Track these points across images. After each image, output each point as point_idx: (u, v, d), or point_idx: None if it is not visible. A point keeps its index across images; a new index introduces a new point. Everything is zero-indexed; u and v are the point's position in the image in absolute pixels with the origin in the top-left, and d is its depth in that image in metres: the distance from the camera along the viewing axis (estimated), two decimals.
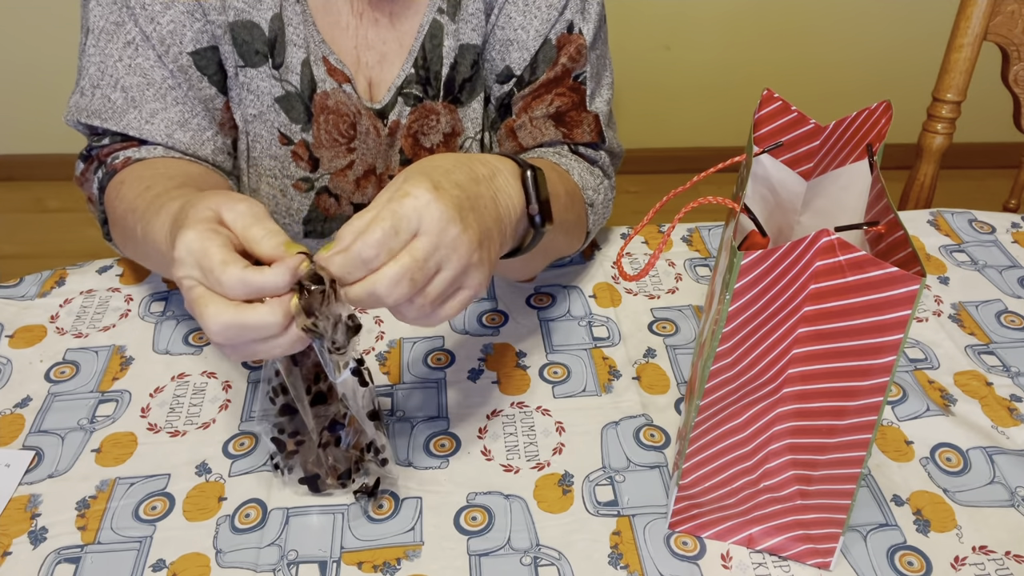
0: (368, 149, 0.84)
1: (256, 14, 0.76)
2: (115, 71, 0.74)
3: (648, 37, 2.28)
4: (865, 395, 0.50)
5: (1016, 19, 1.07)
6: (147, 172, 0.72)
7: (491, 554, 0.59)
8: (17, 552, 0.59)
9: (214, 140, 0.78)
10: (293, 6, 0.77)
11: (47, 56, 2.23)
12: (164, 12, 0.73)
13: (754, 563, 0.59)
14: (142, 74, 0.74)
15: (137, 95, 0.74)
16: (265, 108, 0.80)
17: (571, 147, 0.84)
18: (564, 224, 0.74)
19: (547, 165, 0.76)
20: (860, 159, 0.59)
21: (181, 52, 0.75)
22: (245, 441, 0.67)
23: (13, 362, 0.74)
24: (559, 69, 0.81)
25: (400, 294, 0.51)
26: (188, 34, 0.75)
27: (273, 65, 0.78)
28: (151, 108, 0.75)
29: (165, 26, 0.74)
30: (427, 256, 0.52)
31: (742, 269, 0.47)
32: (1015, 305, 0.82)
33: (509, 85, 0.82)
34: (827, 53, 2.33)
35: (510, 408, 0.70)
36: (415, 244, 0.52)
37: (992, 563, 0.59)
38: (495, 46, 0.81)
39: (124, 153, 0.75)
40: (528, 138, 0.83)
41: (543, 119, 0.82)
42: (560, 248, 0.78)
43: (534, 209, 0.62)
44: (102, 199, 0.76)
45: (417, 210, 0.52)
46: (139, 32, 0.73)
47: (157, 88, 0.75)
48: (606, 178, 0.86)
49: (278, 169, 0.83)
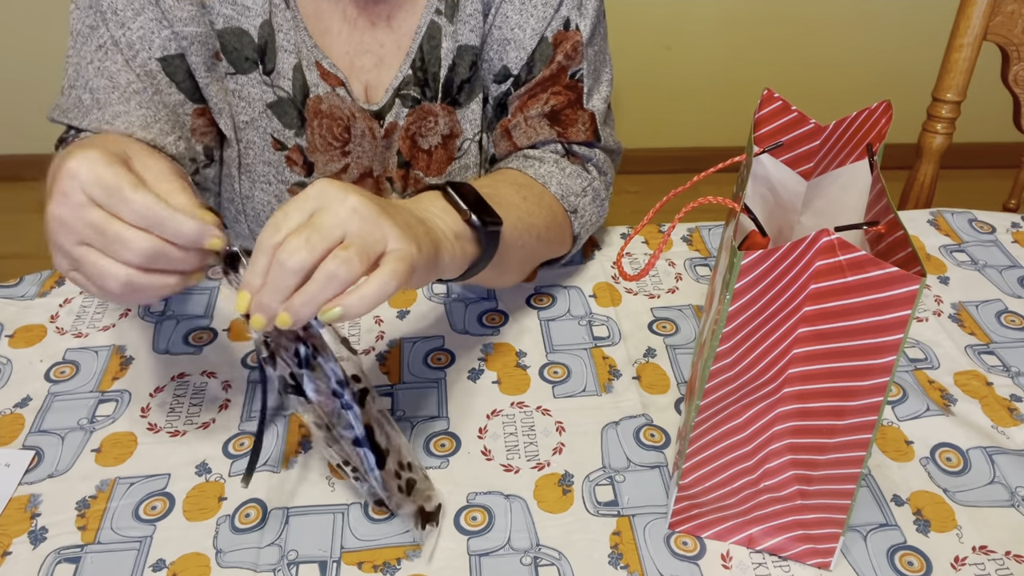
0: (364, 152, 0.84)
1: (245, 21, 0.76)
2: (87, 73, 0.74)
3: (648, 37, 2.27)
4: (865, 395, 0.50)
5: (1016, 19, 1.07)
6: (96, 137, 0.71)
7: (491, 554, 0.59)
8: (17, 552, 0.59)
9: (176, 145, 0.77)
10: (283, 12, 0.77)
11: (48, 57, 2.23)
12: (135, 18, 0.73)
13: (754, 563, 0.59)
14: (109, 77, 0.74)
15: (103, 97, 0.74)
16: (257, 114, 0.80)
17: (565, 146, 0.83)
18: (533, 228, 0.74)
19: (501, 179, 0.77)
20: (860, 159, 0.59)
21: (150, 57, 0.75)
22: (245, 441, 0.67)
23: (13, 362, 0.74)
24: (555, 67, 0.81)
25: (301, 257, 0.50)
26: (156, 41, 0.74)
27: (264, 71, 0.78)
28: (115, 110, 0.75)
29: (135, 32, 0.74)
30: (321, 219, 0.51)
31: (742, 269, 0.47)
32: (1015, 305, 0.82)
33: (506, 85, 0.82)
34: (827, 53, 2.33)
35: (510, 408, 0.70)
36: (314, 216, 0.52)
37: (992, 563, 0.59)
38: (492, 46, 0.81)
39: (84, 134, 0.75)
40: (523, 137, 0.83)
41: (538, 118, 0.82)
42: (540, 253, 0.78)
43: (467, 214, 0.63)
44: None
45: (307, 191, 0.52)
46: (110, 37, 0.74)
47: (122, 91, 0.75)
48: (601, 175, 0.85)
49: (272, 175, 0.83)
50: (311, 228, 0.51)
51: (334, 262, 0.50)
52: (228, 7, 0.75)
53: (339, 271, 0.50)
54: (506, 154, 0.85)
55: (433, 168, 0.86)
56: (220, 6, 0.75)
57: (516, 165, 0.81)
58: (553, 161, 0.81)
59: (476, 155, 0.87)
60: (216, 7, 0.75)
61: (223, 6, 0.75)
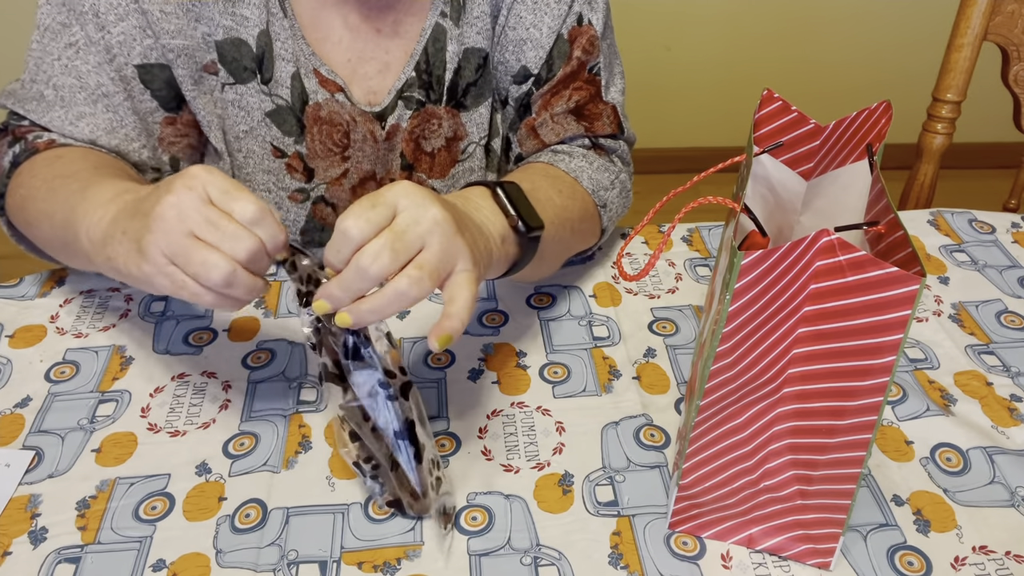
0: (365, 155, 0.84)
1: (243, 31, 0.76)
2: (50, 69, 0.74)
3: (648, 37, 2.28)
4: (865, 395, 0.50)
5: (1016, 19, 1.07)
6: (72, 157, 0.72)
7: (491, 554, 0.59)
8: (17, 552, 0.59)
9: (140, 152, 0.77)
10: (280, 21, 0.77)
11: None
12: (117, 23, 0.73)
13: (754, 563, 0.59)
14: (77, 76, 0.74)
15: (67, 95, 0.74)
16: (256, 123, 0.80)
17: (592, 140, 0.85)
18: (568, 222, 0.75)
19: (539, 172, 0.78)
20: (860, 159, 0.59)
21: (127, 63, 0.75)
22: (245, 441, 0.67)
23: (13, 362, 0.74)
24: (575, 63, 0.82)
25: (382, 265, 0.52)
26: (137, 48, 0.74)
27: (262, 80, 0.78)
28: (79, 111, 0.75)
29: (115, 36, 0.73)
30: (406, 227, 0.53)
31: (742, 269, 0.47)
32: (1015, 305, 0.82)
33: (527, 85, 0.83)
34: (827, 53, 2.33)
35: (510, 408, 0.70)
36: (396, 219, 0.53)
37: (992, 563, 0.59)
38: (508, 47, 0.82)
39: (49, 135, 0.75)
40: (550, 135, 0.84)
41: (563, 115, 0.83)
42: (573, 246, 0.80)
43: (514, 220, 0.64)
44: (10, 173, 0.74)
45: (394, 191, 0.54)
46: (84, 36, 0.73)
47: (90, 92, 0.74)
48: (625, 166, 0.87)
49: (272, 183, 0.83)
50: (395, 235, 0.52)
51: (407, 282, 0.52)
52: (227, 18, 0.75)
53: (411, 292, 0.52)
54: (534, 152, 0.86)
55: (436, 171, 0.86)
56: (220, 18, 0.75)
57: (546, 159, 0.83)
58: (581, 155, 0.83)
59: (482, 159, 0.87)
60: (216, 19, 0.75)
61: (223, 17, 0.75)
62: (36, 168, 0.72)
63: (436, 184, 0.87)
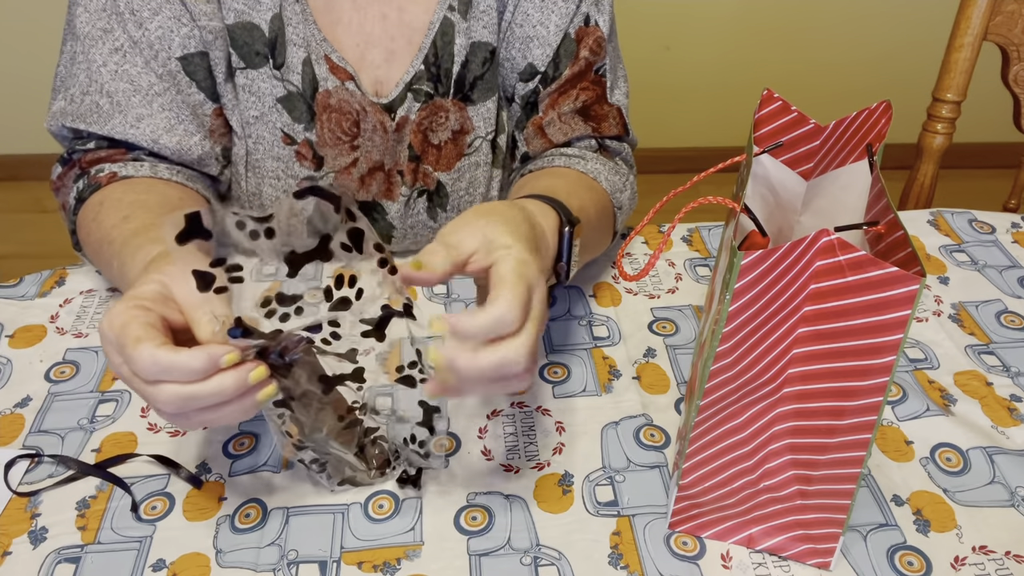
0: (374, 145, 0.84)
1: (256, 15, 0.76)
2: (100, 77, 0.74)
3: (648, 37, 2.28)
4: (865, 395, 0.50)
5: (1016, 19, 1.07)
6: (127, 197, 0.72)
7: (491, 554, 0.59)
8: (17, 552, 0.59)
9: (201, 145, 0.78)
10: (292, 5, 0.77)
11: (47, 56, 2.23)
12: (152, 17, 0.74)
13: (754, 563, 0.59)
14: (129, 80, 0.74)
15: (123, 100, 0.74)
16: (267, 109, 0.80)
17: (598, 141, 0.86)
18: (593, 231, 0.76)
19: (575, 180, 0.79)
20: (860, 159, 0.59)
21: (170, 57, 0.75)
22: (245, 441, 0.67)
23: (13, 362, 0.74)
24: (582, 63, 0.83)
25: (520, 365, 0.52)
26: (176, 39, 0.75)
27: (274, 65, 0.78)
28: (137, 113, 0.75)
29: (153, 31, 0.74)
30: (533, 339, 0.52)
31: (742, 269, 0.47)
32: (1015, 305, 0.82)
33: (534, 82, 0.84)
34: (827, 53, 2.33)
35: (510, 408, 0.70)
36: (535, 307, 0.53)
37: (992, 563, 0.59)
38: (515, 44, 0.82)
39: (111, 167, 0.75)
40: (558, 134, 0.84)
41: (571, 115, 0.84)
42: (595, 250, 0.81)
43: (562, 268, 0.65)
44: (77, 209, 0.75)
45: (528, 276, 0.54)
46: (127, 38, 0.74)
47: (144, 94, 0.75)
48: (630, 169, 0.88)
49: (281, 170, 0.83)
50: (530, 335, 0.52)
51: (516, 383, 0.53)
52: (239, 2, 0.76)
53: (510, 387, 0.53)
54: (541, 151, 0.86)
55: (442, 163, 0.86)
56: (232, 1, 0.75)
57: (563, 163, 0.83)
58: (593, 158, 0.83)
59: (488, 154, 0.87)
60: (228, 2, 0.75)
61: (235, 1, 0.75)
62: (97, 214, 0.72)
63: (442, 176, 0.87)
